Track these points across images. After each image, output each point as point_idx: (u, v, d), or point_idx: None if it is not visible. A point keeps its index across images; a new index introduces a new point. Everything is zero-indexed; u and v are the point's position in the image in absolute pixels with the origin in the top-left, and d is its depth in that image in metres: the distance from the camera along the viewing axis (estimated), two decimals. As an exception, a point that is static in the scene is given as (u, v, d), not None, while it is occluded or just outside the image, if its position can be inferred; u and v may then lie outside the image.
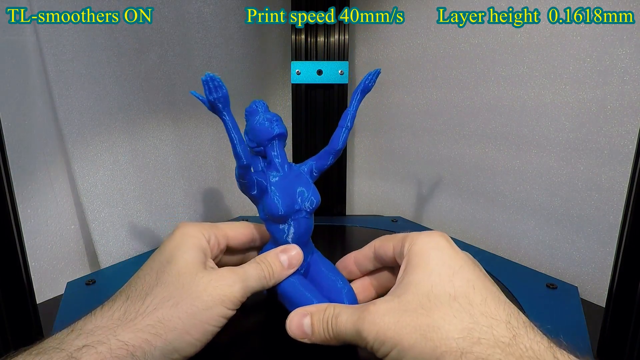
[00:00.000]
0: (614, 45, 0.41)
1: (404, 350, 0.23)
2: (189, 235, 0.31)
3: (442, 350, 0.21)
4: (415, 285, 0.25)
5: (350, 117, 0.34)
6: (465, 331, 0.22)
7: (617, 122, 0.42)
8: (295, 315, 0.28)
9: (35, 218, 0.46)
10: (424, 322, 0.23)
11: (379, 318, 0.24)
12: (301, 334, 0.27)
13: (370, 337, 0.24)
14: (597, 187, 0.45)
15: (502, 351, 0.20)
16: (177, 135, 0.58)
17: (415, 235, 0.28)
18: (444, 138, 0.60)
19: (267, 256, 0.32)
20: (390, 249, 0.30)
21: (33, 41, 0.43)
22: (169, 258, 0.29)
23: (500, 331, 0.21)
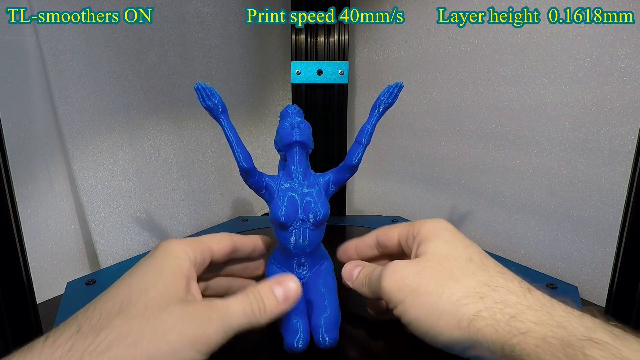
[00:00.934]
0: (614, 45, 0.41)
1: (419, 297, 0.24)
2: (172, 256, 0.26)
3: (460, 296, 0.23)
4: (432, 251, 0.27)
5: (367, 133, 0.33)
6: (482, 283, 0.23)
7: (617, 122, 0.42)
8: (352, 263, 0.33)
9: (35, 218, 0.46)
10: (442, 275, 0.24)
11: (400, 269, 0.26)
12: (348, 277, 0.32)
13: (388, 283, 0.25)
14: (597, 187, 0.45)
15: (517, 298, 0.22)
16: (177, 135, 0.58)
17: (423, 220, 0.30)
18: (444, 138, 0.60)
19: (260, 288, 0.27)
20: (395, 236, 0.32)
21: (33, 41, 0.43)
22: (142, 285, 0.24)
23: (514, 286, 0.23)
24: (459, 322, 0.22)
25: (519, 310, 0.21)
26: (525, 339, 0.20)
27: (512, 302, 0.22)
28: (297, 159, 0.33)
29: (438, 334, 0.23)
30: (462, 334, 0.22)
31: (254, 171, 0.33)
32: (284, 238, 0.33)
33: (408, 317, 0.24)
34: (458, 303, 0.22)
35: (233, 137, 0.32)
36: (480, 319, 0.21)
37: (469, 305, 0.22)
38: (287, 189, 0.33)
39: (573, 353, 0.19)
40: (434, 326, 0.23)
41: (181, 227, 0.60)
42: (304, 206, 0.32)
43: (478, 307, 0.22)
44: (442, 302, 0.23)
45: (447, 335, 0.23)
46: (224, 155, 0.65)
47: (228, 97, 0.63)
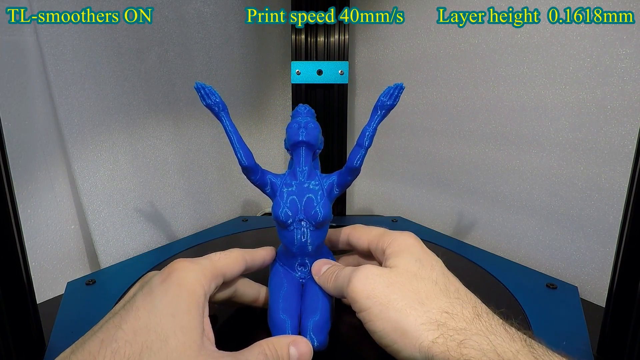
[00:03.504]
0: (614, 45, 0.41)
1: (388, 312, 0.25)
2: (187, 290, 0.25)
3: (423, 321, 0.25)
4: (403, 267, 0.28)
5: (368, 136, 0.32)
6: (442, 310, 0.26)
7: (617, 122, 0.42)
8: (321, 261, 0.33)
9: (35, 218, 0.46)
10: (410, 296, 0.26)
11: (371, 277, 0.27)
12: (316, 272, 0.32)
13: (357, 288, 0.27)
14: (597, 187, 0.45)
15: (467, 325, 0.25)
16: (177, 135, 0.58)
17: (392, 233, 0.32)
18: (444, 138, 0.60)
19: (277, 344, 0.26)
20: (365, 242, 0.34)
21: (33, 41, 0.43)
22: (160, 329, 0.23)
23: (467, 312, 0.26)
24: (419, 345, 0.24)
25: (467, 336, 0.24)
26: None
27: (462, 329, 0.24)
28: (303, 159, 0.33)
29: (400, 350, 0.25)
30: (421, 356, 0.24)
31: (255, 169, 0.33)
32: (285, 237, 0.33)
33: (374, 326, 0.26)
34: (421, 327, 0.24)
35: (234, 135, 0.32)
36: (436, 345, 0.24)
37: (429, 331, 0.24)
38: (290, 188, 0.33)
39: None
40: (397, 342, 0.25)
41: (181, 227, 0.60)
42: (305, 206, 0.32)
43: (435, 335, 0.24)
44: (408, 322, 0.25)
45: (407, 354, 0.25)
46: (224, 155, 0.65)
47: (228, 97, 0.63)
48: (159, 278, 0.25)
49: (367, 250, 0.34)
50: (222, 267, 0.29)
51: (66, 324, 0.36)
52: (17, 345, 0.30)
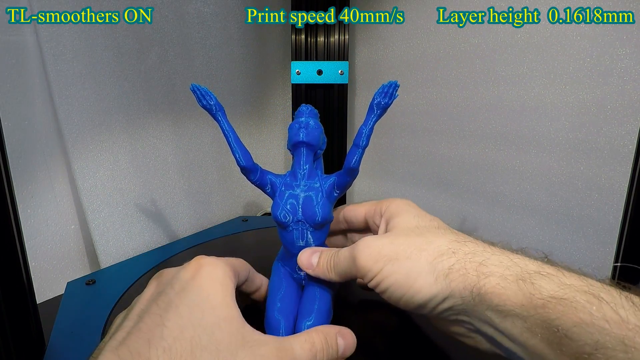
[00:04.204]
0: (614, 45, 0.41)
1: (397, 263, 0.25)
2: (220, 283, 0.25)
3: (435, 255, 0.25)
4: (402, 224, 0.29)
5: (365, 136, 0.31)
6: (452, 240, 0.26)
7: (617, 122, 0.42)
8: (308, 250, 0.31)
9: (35, 218, 0.46)
10: (417, 240, 0.26)
11: (373, 242, 0.27)
12: (308, 265, 0.31)
13: (363, 257, 0.26)
14: (597, 187, 0.45)
15: (483, 248, 0.25)
16: (177, 135, 0.58)
17: (389, 199, 0.32)
18: (444, 138, 0.60)
19: (328, 335, 0.26)
20: (362, 213, 0.34)
21: (33, 41, 0.43)
22: (204, 323, 0.23)
23: (479, 242, 0.26)
24: (435, 279, 0.24)
25: (485, 257, 0.24)
26: (489, 280, 0.22)
27: (479, 252, 0.24)
28: (303, 159, 0.33)
29: (415, 293, 0.24)
30: (438, 289, 0.24)
31: (253, 169, 0.33)
32: (284, 238, 0.33)
33: (385, 284, 0.25)
34: (435, 261, 0.24)
35: (231, 135, 0.33)
36: (453, 271, 0.23)
37: (444, 261, 0.24)
38: (289, 189, 0.33)
39: (523, 284, 0.22)
40: (411, 287, 0.24)
41: (181, 227, 0.60)
42: (303, 207, 0.32)
43: (451, 261, 0.24)
44: (420, 263, 0.25)
45: (423, 294, 0.24)
46: (224, 155, 0.65)
47: (228, 97, 0.63)
48: (187, 274, 0.25)
49: (364, 222, 0.34)
50: (237, 267, 0.29)
51: (66, 324, 0.36)
52: (17, 345, 0.30)
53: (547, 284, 0.21)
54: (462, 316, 0.24)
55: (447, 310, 0.24)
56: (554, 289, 0.21)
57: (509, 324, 0.22)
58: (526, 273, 0.22)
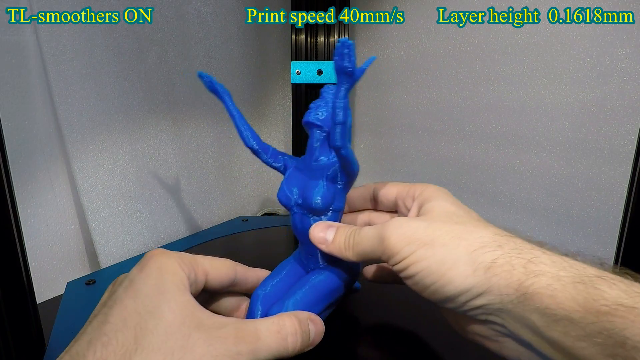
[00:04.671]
0: (614, 45, 0.41)
1: (433, 249, 0.23)
2: (169, 272, 0.23)
3: (477, 247, 0.22)
4: (439, 209, 0.26)
5: (337, 109, 0.27)
6: (496, 234, 0.23)
7: (617, 122, 0.42)
8: (322, 224, 0.29)
9: (35, 218, 0.46)
10: (456, 227, 0.24)
11: (406, 223, 0.24)
12: (321, 240, 0.28)
13: (394, 238, 0.24)
14: (597, 187, 0.45)
15: (532, 246, 0.22)
16: (177, 135, 0.58)
17: (423, 184, 0.30)
18: (444, 138, 0.60)
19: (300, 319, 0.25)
20: (393, 192, 0.31)
21: (33, 41, 0.43)
22: (150, 308, 0.21)
23: (526, 240, 0.23)
24: (474, 270, 0.21)
25: (535, 255, 0.21)
26: (539, 279, 0.20)
27: (528, 248, 0.22)
28: (313, 142, 0.31)
29: (446, 283, 0.22)
30: (475, 281, 0.21)
31: (262, 150, 0.33)
32: (291, 221, 0.31)
33: (414, 269, 0.23)
34: (475, 253, 0.22)
35: (237, 117, 0.32)
36: (496, 266, 0.21)
37: (486, 254, 0.22)
38: (296, 171, 0.31)
39: (583, 288, 0.19)
40: (443, 276, 0.22)
41: (181, 227, 0.60)
42: (303, 190, 0.30)
43: (495, 255, 0.22)
44: (457, 252, 0.22)
45: (457, 284, 0.22)
46: (224, 155, 0.65)
47: (228, 97, 0.63)
48: (136, 269, 0.24)
49: (393, 202, 0.32)
50: (204, 264, 0.26)
51: (66, 324, 0.36)
52: (17, 345, 0.30)
53: (611, 289, 0.19)
54: (493, 316, 0.22)
55: (478, 308, 0.22)
56: (620, 295, 0.18)
57: (559, 330, 0.19)
58: (585, 276, 0.20)
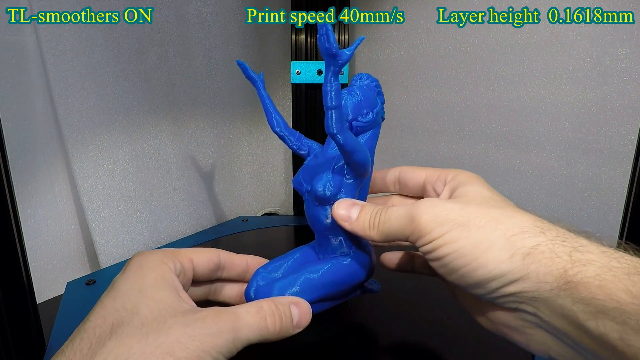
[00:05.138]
0: (614, 45, 0.41)
1: (468, 231, 0.21)
2: (150, 268, 0.24)
3: (516, 232, 0.21)
4: (474, 193, 0.25)
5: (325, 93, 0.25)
6: (538, 220, 0.22)
7: (617, 122, 0.42)
8: (346, 201, 0.27)
9: (35, 218, 0.46)
10: (493, 211, 0.22)
11: (440, 204, 0.23)
12: (344, 217, 0.27)
13: (426, 218, 0.22)
14: (597, 187, 0.45)
15: (576, 235, 0.21)
16: (177, 135, 0.58)
17: (456, 169, 0.28)
18: (444, 138, 0.60)
19: (279, 303, 0.24)
20: (421, 176, 0.31)
21: (33, 41, 0.43)
22: (129, 304, 0.22)
23: (570, 228, 0.22)
24: (511, 255, 0.20)
25: (581, 244, 0.20)
26: (586, 269, 0.19)
27: (572, 237, 0.20)
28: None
29: (479, 267, 0.21)
30: (511, 267, 0.20)
31: (290, 134, 0.33)
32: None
33: (445, 250, 0.22)
34: (514, 238, 0.21)
35: (266, 101, 0.34)
36: (537, 252, 0.20)
37: (527, 239, 0.20)
38: (314, 158, 0.31)
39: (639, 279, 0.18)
40: (476, 259, 0.21)
41: (181, 227, 0.60)
42: (313, 177, 0.29)
43: (537, 240, 0.20)
44: (495, 235, 0.21)
45: (489, 269, 0.20)
46: (224, 155, 0.65)
47: (228, 97, 0.63)
48: (121, 271, 0.25)
49: (420, 186, 0.31)
50: (186, 253, 0.27)
51: (66, 324, 0.36)
52: (17, 345, 0.30)
53: None
54: (526, 305, 0.21)
55: (510, 295, 0.21)
56: None
57: (607, 324, 0.18)
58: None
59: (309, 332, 0.25)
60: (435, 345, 0.32)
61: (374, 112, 0.31)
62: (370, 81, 0.32)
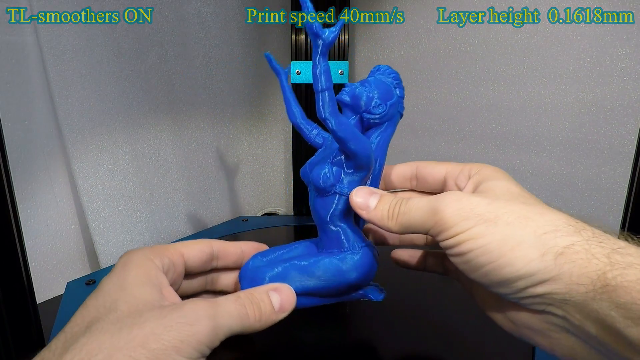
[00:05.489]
0: (614, 45, 0.41)
1: (496, 227, 0.20)
2: (134, 265, 0.23)
3: (548, 230, 0.20)
4: (501, 189, 0.23)
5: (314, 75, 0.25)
6: (571, 219, 0.20)
7: (617, 122, 0.42)
8: (365, 188, 0.26)
9: (35, 218, 0.46)
10: (523, 207, 0.21)
11: (465, 197, 0.22)
12: (362, 206, 0.26)
13: (450, 211, 0.21)
14: (597, 187, 0.45)
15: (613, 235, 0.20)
16: (177, 135, 0.58)
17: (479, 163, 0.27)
18: (444, 138, 0.60)
19: (255, 291, 0.24)
20: (441, 171, 0.29)
21: (33, 41, 0.43)
22: (108, 302, 0.21)
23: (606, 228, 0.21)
24: (542, 254, 0.19)
25: (620, 245, 0.19)
26: (627, 272, 0.17)
27: (610, 239, 0.19)
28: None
29: (506, 265, 0.20)
30: (541, 266, 0.19)
31: (307, 124, 0.33)
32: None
33: (469, 246, 0.21)
34: (546, 236, 0.19)
35: (288, 92, 0.34)
36: (571, 253, 0.19)
37: (560, 237, 0.19)
38: (323, 150, 0.30)
39: None
40: (503, 256, 0.20)
41: (181, 227, 0.60)
42: (315, 167, 0.28)
43: (572, 240, 0.19)
44: (525, 232, 0.20)
45: (517, 267, 0.19)
46: (224, 155, 0.65)
47: (228, 97, 0.63)
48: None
49: (440, 182, 0.29)
50: (177, 247, 0.27)
51: (66, 324, 0.36)
52: (17, 345, 0.30)
53: None
54: (555, 308, 0.19)
55: (538, 296, 0.19)
56: None
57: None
58: None
59: (309, 333, 0.25)
60: (436, 349, 0.32)
61: (387, 105, 0.29)
62: (388, 73, 0.31)
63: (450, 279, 0.29)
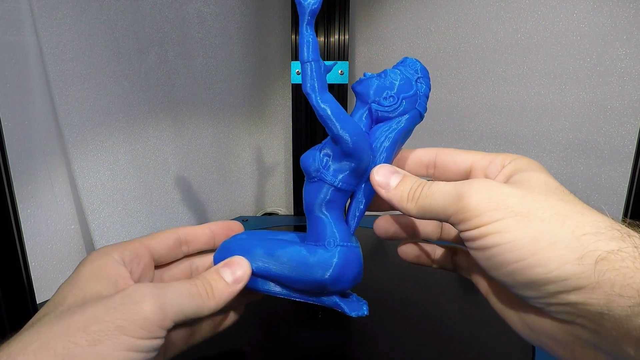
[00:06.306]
0: (614, 45, 0.41)
1: (528, 222, 0.18)
2: (90, 261, 0.23)
3: (588, 231, 0.17)
4: (536, 180, 0.21)
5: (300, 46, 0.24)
6: (616, 223, 0.18)
7: (617, 122, 0.42)
8: (387, 167, 0.25)
9: (35, 218, 0.46)
10: (560, 204, 0.19)
11: (495, 186, 0.20)
12: (382, 184, 0.24)
13: (477, 199, 0.19)
14: (597, 187, 0.45)
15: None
16: (177, 135, 0.58)
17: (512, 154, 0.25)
18: (444, 138, 0.60)
19: (206, 272, 0.24)
20: (465, 160, 0.26)
21: (33, 41, 0.43)
22: (59, 298, 0.21)
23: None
24: (579, 257, 0.17)
25: None
26: None
27: None
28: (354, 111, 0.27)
29: (537, 265, 0.17)
30: (577, 271, 0.17)
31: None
32: None
33: (496, 239, 0.18)
34: (585, 237, 0.17)
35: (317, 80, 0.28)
36: (615, 260, 0.16)
37: (602, 241, 0.17)
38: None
39: None
40: (535, 255, 0.17)
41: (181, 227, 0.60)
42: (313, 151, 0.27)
43: (617, 245, 0.17)
44: (562, 231, 0.18)
45: (550, 268, 0.17)
46: (224, 155, 0.65)
47: (228, 97, 0.63)
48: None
49: (464, 172, 0.27)
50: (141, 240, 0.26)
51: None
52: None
53: None
54: (586, 320, 0.17)
55: (569, 305, 0.17)
56: None
57: None
58: None
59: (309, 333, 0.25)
60: (436, 349, 0.32)
61: (399, 97, 0.27)
62: (410, 66, 0.28)
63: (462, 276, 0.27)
